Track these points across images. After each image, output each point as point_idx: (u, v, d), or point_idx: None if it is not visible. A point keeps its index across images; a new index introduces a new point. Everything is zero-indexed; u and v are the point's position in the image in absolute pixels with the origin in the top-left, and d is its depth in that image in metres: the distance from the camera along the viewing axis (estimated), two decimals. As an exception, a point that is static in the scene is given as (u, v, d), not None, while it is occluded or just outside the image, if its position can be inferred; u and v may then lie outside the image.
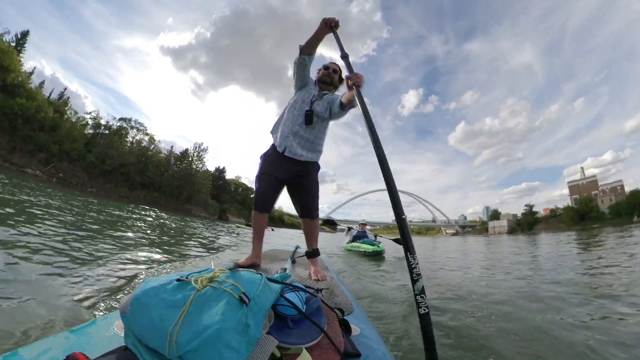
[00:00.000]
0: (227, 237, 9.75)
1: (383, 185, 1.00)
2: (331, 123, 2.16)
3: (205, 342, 0.55)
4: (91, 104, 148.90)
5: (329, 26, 1.84)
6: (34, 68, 38.04)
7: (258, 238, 2.11)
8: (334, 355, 0.71)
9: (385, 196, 1.01)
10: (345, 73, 1.72)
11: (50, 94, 38.84)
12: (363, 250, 7.15)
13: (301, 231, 2.32)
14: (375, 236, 8.86)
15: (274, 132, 2.20)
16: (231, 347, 0.56)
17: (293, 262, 2.37)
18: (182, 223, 13.70)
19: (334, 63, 2.24)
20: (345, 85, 1.58)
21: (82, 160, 36.47)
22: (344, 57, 1.68)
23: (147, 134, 45.92)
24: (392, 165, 1.04)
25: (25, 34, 37.32)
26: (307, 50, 2.03)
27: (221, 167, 65.46)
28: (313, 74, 2.24)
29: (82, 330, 0.82)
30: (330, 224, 12.74)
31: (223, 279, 0.70)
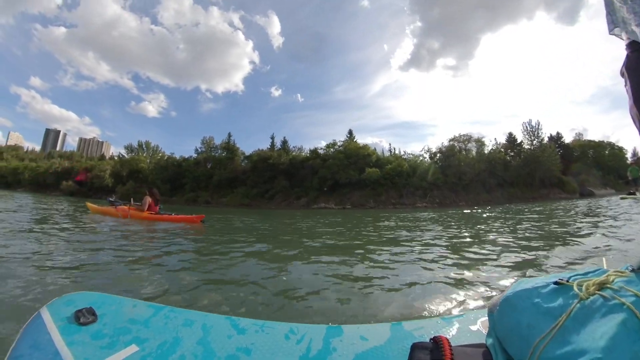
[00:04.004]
0: (608, 221, 6.42)
1: None
2: None
3: None
4: (386, 142, 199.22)
5: None
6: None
7: None
8: None
9: None
10: None
11: (382, 151, 54.36)
12: None
13: None
14: None
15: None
16: None
17: None
18: (547, 211, 11.04)
19: None
20: None
21: (445, 184, 44.65)
22: None
23: (477, 141, 47.80)
24: None
25: (350, 130, 58.60)
26: None
27: (554, 134, 53.73)
28: None
29: (450, 319, 0.92)
30: None
31: (620, 285, 0.50)
